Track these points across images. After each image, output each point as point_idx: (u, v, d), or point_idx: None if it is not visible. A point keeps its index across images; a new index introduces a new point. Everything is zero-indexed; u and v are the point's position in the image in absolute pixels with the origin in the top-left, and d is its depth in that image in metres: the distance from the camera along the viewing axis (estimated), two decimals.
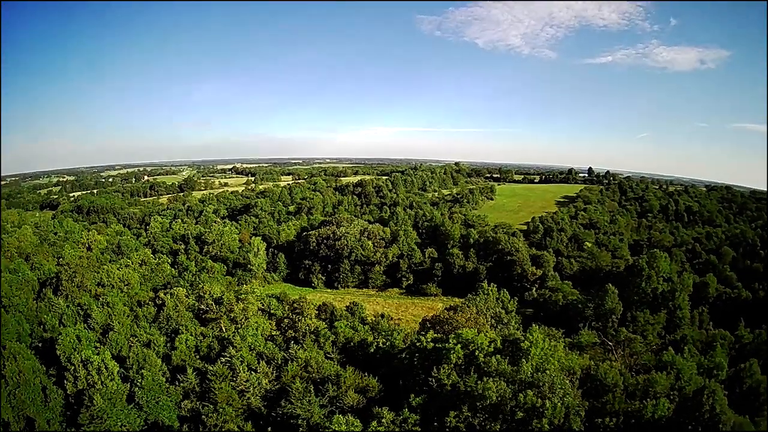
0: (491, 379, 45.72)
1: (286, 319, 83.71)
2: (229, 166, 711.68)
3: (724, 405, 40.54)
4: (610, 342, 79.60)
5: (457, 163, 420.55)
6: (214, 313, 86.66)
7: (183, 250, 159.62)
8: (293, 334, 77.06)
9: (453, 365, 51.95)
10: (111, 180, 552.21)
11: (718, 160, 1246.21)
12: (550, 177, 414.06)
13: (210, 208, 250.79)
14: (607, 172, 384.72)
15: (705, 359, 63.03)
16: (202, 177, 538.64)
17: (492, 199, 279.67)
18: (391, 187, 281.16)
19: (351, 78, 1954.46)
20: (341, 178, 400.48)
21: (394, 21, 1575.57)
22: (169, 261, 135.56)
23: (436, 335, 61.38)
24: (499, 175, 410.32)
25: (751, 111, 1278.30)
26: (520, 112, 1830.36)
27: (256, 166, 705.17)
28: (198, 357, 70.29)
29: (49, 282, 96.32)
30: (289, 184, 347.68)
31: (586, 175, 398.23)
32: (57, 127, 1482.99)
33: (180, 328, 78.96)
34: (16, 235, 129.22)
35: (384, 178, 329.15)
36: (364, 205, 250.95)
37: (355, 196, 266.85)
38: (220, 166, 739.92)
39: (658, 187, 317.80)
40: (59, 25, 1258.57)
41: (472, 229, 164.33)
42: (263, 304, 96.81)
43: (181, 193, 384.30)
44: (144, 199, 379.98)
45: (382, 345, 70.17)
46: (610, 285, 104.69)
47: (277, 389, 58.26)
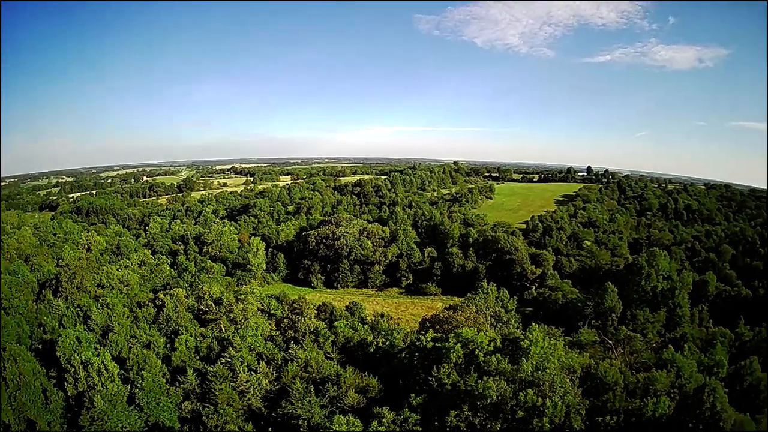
0: (491, 378, 45.73)
1: (285, 320, 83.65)
2: (228, 167, 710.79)
3: (725, 403, 40.58)
4: (610, 340, 79.65)
5: (455, 162, 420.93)
6: (214, 314, 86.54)
7: (182, 251, 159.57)
8: (293, 335, 77.03)
9: (453, 364, 51.93)
10: (110, 181, 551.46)
11: (717, 158, 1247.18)
12: (549, 176, 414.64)
13: (209, 208, 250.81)
14: (606, 170, 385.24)
15: (705, 357, 63.09)
16: (201, 177, 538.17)
17: (491, 198, 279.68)
18: (390, 187, 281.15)
19: (349, 78, 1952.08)
20: (340, 178, 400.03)
21: (392, 21, 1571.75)
22: (169, 262, 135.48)
23: (435, 334, 61.30)
24: (497, 174, 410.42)
25: (750, 109, 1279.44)
26: (518, 111, 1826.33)
27: (255, 166, 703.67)
28: (198, 358, 70.24)
29: (49, 283, 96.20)
30: (288, 184, 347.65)
31: (585, 173, 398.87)
32: (56, 128, 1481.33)
33: (180, 329, 78.94)
34: (15, 237, 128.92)
35: (383, 177, 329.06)
36: (363, 205, 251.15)
37: (354, 196, 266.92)
38: (218, 167, 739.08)
39: (657, 185, 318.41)
40: (57, 25, 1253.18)
41: (472, 229, 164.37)
42: (263, 305, 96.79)
43: (180, 194, 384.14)
44: (143, 199, 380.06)
45: (381, 345, 70.09)
46: (610, 283, 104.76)
47: (278, 390, 58.23)
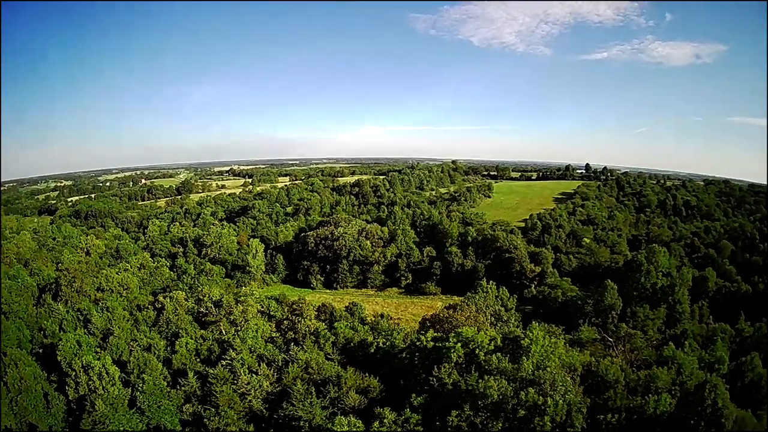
0: (492, 378, 45.78)
1: (285, 321, 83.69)
2: (226, 168, 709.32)
3: (726, 399, 40.62)
4: (611, 338, 79.82)
5: (454, 161, 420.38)
6: (214, 316, 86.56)
7: (181, 253, 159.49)
8: (293, 336, 77.11)
9: (454, 364, 51.97)
10: (108, 184, 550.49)
11: (716, 154, 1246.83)
12: (547, 174, 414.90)
13: (208, 210, 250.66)
14: (605, 168, 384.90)
15: (706, 353, 63.21)
16: (200, 179, 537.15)
17: (489, 196, 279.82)
18: (388, 187, 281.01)
19: (346, 78, 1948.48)
20: (338, 179, 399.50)
21: (389, 20, 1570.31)
22: (168, 264, 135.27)
23: (436, 334, 61.29)
24: (496, 173, 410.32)
25: (748, 104, 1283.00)
26: (516, 109, 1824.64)
27: (253, 167, 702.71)
28: (198, 360, 70.25)
29: (49, 287, 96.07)
30: (286, 185, 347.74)
31: (584, 171, 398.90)
32: (54, 132, 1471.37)
33: (180, 331, 79.06)
34: (14, 241, 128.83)
35: (381, 177, 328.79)
36: (362, 205, 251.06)
37: (352, 196, 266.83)
38: (217, 168, 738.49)
39: (655, 182, 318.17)
40: (55, 28, 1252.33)
41: (470, 228, 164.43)
42: (263, 306, 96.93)
43: (179, 196, 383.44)
44: (142, 202, 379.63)
45: (382, 345, 70.08)
46: (609, 281, 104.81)
47: (279, 391, 58.18)
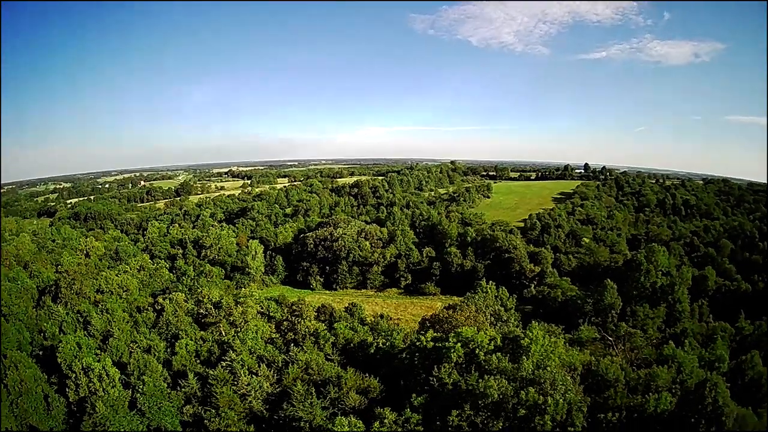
0: (492, 377, 45.78)
1: (285, 322, 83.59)
2: (225, 170, 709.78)
3: (727, 397, 40.61)
4: (611, 337, 79.84)
5: (453, 161, 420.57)
6: (214, 318, 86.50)
7: (181, 255, 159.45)
8: (293, 337, 77.08)
9: (454, 364, 51.95)
10: (107, 186, 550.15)
11: (715, 153, 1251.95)
12: (546, 174, 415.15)
13: (207, 212, 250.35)
14: (604, 167, 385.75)
15: (706, 352, 63.21)
16: (199, 181, 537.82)
17: (488, 197, 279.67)
18: (387, 188, 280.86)
19: (345, 78, 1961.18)
20: (337, 180, 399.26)
21: (387, 20, 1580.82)
22: (168, 266, 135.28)
23: (435, 334, 61.20)
24: (495, 173, 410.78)
25: (746, 103, 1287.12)
26: (514, 109, 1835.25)
27: (252, 169, 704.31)
28: (198, 362, 70.23)
29: (48, 289, 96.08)
30: (285, 187, 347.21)
31: (583, 171, 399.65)
32: (53, 134, 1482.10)
33: (180, 333, 79.07)
34: (14, 243, 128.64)
35: (380, 178, 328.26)
36: (361, 206, 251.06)
37: (351, 197, 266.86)
38: (216, 170, 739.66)
39: (654, 181, 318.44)
40: (53, 29, 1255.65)
41: (470, 228, 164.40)
42: (262, 307, 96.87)
43: (178, 198, 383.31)
44: (141, 204, 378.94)
45: (382, 345, 70.12)
46: (609, 280, 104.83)
47: (279, 392, 58.20)
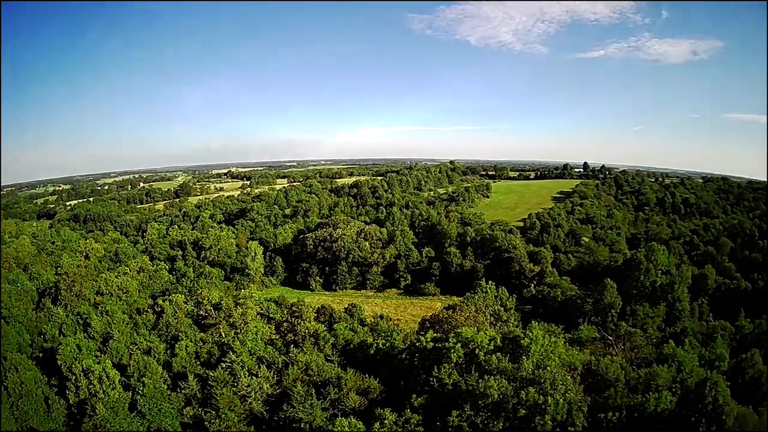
0: (492, 377, 45.80)
1: (285, 323, 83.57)
2: (224, 171, 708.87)
3: (727, 396, 40.63)
4: (610, 336, 79.75)
5: (452, 161, 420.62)
6: (213, 319, 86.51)
7: (180, 256, 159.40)
8: (293, 338, 77.03)
9: (453, 364, 51.96)
10: (107, 188, 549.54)
11: (714, 151, 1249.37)
12: (545, 173, 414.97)
13: (206, 213, 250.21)
14: (603, 166, 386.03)
15: (706, 351, 63.17)
16: (198, 182, 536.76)
17: (488, 196, 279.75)
18: (386, 188, 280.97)
19: (344, 79, 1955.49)
20: (336, 180, 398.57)
21: (385, 21, 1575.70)
22: (167, 267, 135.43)
23: (435, 335, 61.25)
24: (494, 173, 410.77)
25: (745, 101, 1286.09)
26: (513, 108, 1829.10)
27: (251, 169, 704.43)
28: (198, 363, 70.20)
29: (48, 292, 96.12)
30: (284, 187, 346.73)
31: (582, 170, 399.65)
32: (52, 136, 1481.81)
33: (180, 334, 79.04)
34: (14, 246, 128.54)
35: (379, 178, 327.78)
36: (360, 206, 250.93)
37: (350, 198, 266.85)
38: (215, 171, 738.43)
39: (654, 180, 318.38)
40: (53, 29, 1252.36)
41: (469, 228, 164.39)
42: (262, 309, 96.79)
43: (177, 199, 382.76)
44: (140, 206, 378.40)
45: (382, 346, 70.13)
46: (609, 279, 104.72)
47: (279, 393, 58.23)
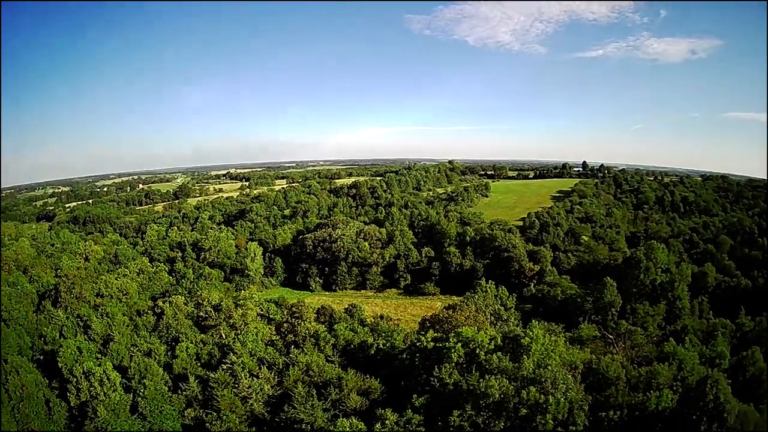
0: (493, 377, 45.80)
1: (285, 324, 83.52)
2: (223, 172, 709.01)
3: (728, 394, 40.61)
4: (611, 335, 79.67)
5: (450, 161, 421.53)
6: (214, 320, 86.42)
7: (180, 258, 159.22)
8: (293, 339, 76.95)
9: (454, 364, 51.94)
10: (106, 189, 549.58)
11: (713, 149, 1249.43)
12: (544, 172, 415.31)
13: (205, 214, 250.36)
14: (602, 165, 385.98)
15: (707, 349, 63.11)
16: (197, 183, 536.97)
17: (487, 196, 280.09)
18: (385, 188, 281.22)
19: (342, 80, 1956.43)
20: (335, 180, 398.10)
21: (383, 21, 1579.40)
22: (167, 269, 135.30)
23: (436, 335, 61.20)
24: (493, 172, 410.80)
25: (744, 99, 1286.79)
26: (512, 108, 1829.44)
27: (250, 170, 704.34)
28: (199, 365, 70.15)
29: (48, 294, 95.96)
30: (283, 188, 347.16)
31: (581, 169, 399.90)
32: (51, 135, 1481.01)
33: (180, 336, 79.01)
34: (13, 248, 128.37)
35: (378, 178, 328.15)
36: (359, 207, 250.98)
37: (349, 198, 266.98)
38: (214, 172, 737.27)
39: (653, 178, 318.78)
40: (50, 30, 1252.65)
41: (468, 227, 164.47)
42: (262, 309, 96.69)
43: (176, 201, 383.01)
44: (139, 207, 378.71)
45: (382, 346, 70.11)
46: (609, 278, 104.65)
47: (280, 394, 58.14)
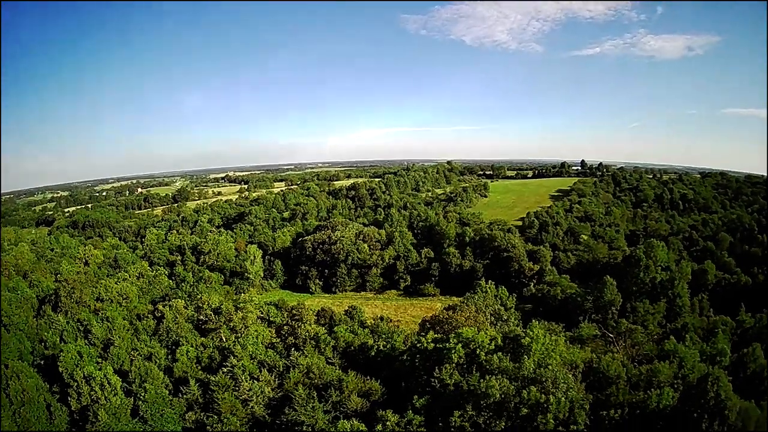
0: (494, 377, 45.79)
1: (285, 326, 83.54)
2: (222, 175, 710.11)
3: (729, 391, 40.53)
4: (611, 334, 79.68)
5: (449, 161, 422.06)
6: (214, 323, 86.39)
7: (180, 261, 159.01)
8: (293, 341, 76.97)
9: (455, 365, 51.95)
10: (105, 194, 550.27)
11: (711, 146, 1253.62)
12: (543, 171, 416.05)
13: (205, 217, 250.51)
14: (600, 163, 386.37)
15: (707, 346, 63.12)
16: (196, 187, 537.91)
17: (486, 196, 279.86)
18: (384, 189, 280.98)
19: (339, 81, 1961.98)
20: (334, 182, 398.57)
21: (379, 22, 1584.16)
22: (167, 273, 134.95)
23: (436, 335, 61.25)
24: (491, 172, 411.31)
25: (742, 95, 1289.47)
26: (510, 107, 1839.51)
27: (249, 173, 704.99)
28: (200, 368, 70.09)
29: (48, 299, 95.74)
30: (282, 191, 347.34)
31: (579, 168, 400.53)
32: (50, 141, 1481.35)
33: (180, 339, 78.95)
34: (13, 253, 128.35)
35: (377, 180, 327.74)
36: (358, 208, 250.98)
37: (348, 200, 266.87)
38: (212, 175, 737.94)
39: (652, 176, 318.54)
40: (48, 35, 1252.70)
41: (468, 228, 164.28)
42: (262, 312, 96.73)
43: (175, 204, 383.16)
44: (138, 211, 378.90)
45: (382, 348, 70.06)
46: (608, 277, 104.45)
47: (280, 397, 58.10)
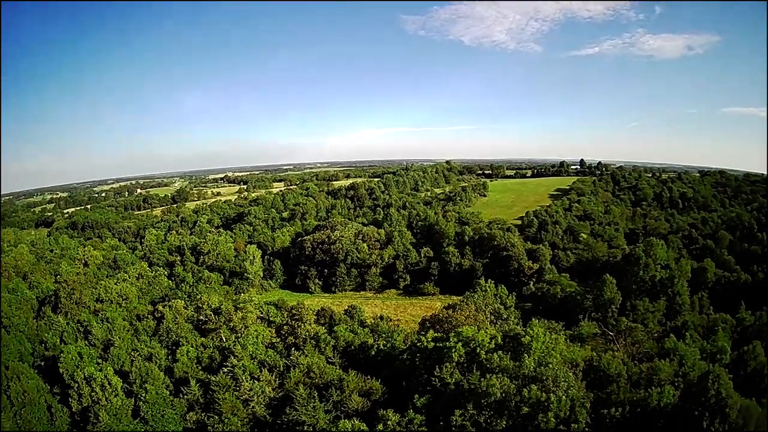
0: (494, 376, 45.81)
1: (285, 326, 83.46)
2: (221, 175, 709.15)
3: (730, 389, 40.46)
4: (611, 332, 79.73)
5: (448, 161, 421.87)
6: (214, 324, 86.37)
7: (179, 262, 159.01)
8: (294, 341, 76.96)
9: (455, 364, 51.98)
10: (104, 195, 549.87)
11: (711, 145, 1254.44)
12: (542, 171, 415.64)
13: (204, 218, 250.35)
14: (599, 163, 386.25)
15: (707, 344, 63.27)
16: (195, 187, 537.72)
17: (485, 195, 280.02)
18: (383, 189, 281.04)
19: (339, 81, 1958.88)
20: (333, 182, 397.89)
21: (379, 22, 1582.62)
22: (166, 273, 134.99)
23: (436, 334, 61.26)
24: (491, 172, 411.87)
25: (741, 95, 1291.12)
26: (509, 107, 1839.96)
27: (248, 174, 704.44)
28: (200, 368, 70.09)
29: (48, 300, 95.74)
30: (281, 191, 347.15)
31: (579, 167, 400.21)
32: (49, 142, 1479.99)
33: (180, 340, 78.92)
34: (12, 254, 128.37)
35: (376, 180, 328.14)
36: (358, 208, 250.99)
37: (347, 200, 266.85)
38: (211, 176, 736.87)
39: (651, 175, 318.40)
40: (47, 35, 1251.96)
41: (467, 227, 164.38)
42: (262, 312, 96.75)
43: (175, 205, 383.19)
44: (138, 212, 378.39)
45: (382, 347, 70.07)
46: (608, 275, 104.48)
47: (281, 397, 58.10)
